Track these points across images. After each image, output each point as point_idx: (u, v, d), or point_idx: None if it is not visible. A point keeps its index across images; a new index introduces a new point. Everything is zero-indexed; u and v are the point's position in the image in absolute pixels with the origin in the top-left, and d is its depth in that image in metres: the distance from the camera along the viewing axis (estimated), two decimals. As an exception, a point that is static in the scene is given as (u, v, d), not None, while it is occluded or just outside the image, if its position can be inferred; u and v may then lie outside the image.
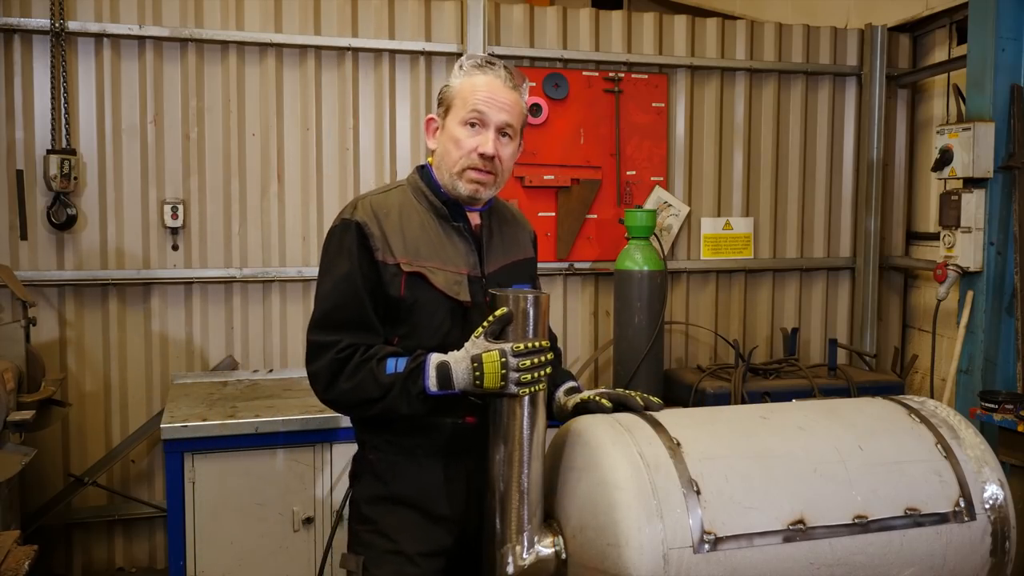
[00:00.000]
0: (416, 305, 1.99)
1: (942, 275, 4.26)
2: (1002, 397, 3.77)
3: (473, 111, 1.99)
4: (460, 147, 2.01)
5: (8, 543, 2.23)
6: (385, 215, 2.01)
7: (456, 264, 2.04)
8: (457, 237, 2.06)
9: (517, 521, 1.83)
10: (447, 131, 2.04)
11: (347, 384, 1.94)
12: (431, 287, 1.99)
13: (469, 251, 2.07)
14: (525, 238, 2.28)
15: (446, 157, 2.04)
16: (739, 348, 4.72)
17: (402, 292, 1.98)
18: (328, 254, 2.04)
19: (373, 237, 1.98)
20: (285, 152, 4.40)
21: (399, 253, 1.98)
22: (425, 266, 1.99)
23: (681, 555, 1.67)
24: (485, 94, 2.00)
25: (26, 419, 3.29)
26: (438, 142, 2.08)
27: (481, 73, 2.02)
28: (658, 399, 2.03)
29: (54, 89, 4.06)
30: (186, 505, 3.41)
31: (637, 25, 4.85)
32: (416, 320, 2.00)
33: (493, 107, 2.00)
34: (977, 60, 4.20)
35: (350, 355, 1.94)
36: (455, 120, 2.02)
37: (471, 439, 1.99)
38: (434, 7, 4.55)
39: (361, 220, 1.99)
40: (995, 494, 1.90)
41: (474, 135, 2.00)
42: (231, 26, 4.27)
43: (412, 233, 2.02)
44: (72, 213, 4.10)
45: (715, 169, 5.01)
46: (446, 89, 2.07)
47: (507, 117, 2.02)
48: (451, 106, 2.04)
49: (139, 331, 4.27)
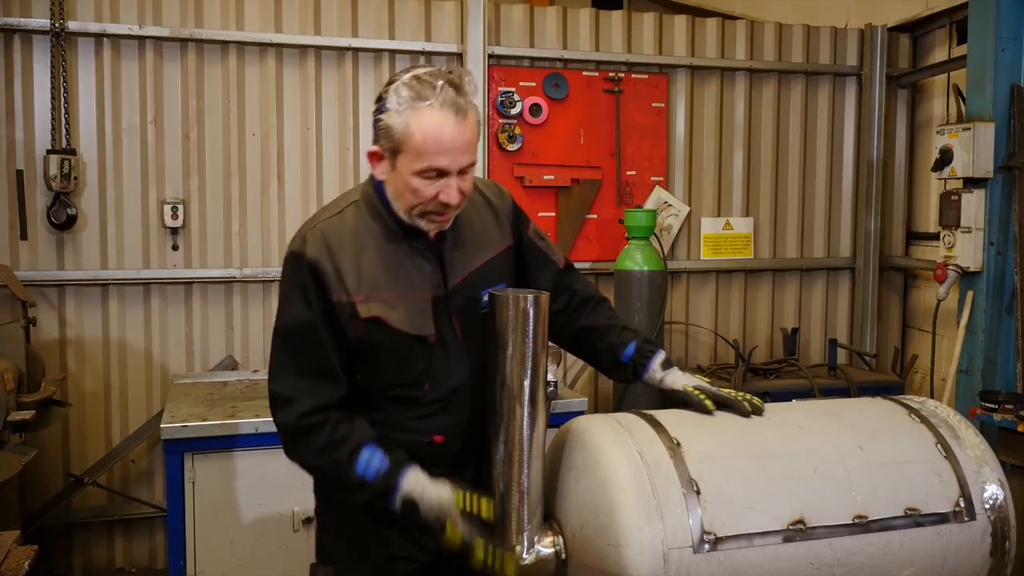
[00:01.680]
0: (375, 347, 1.87)
1: (942, 275, 4.26)
2: (1002, 397, 3.77)
3: (429, 166, 1.78)
4: (418, 196, 1.82)
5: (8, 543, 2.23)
6: (339, 246, 1.86)
7: (419, 289, 1.90)
8: (419, 257, 1.91)
9: (517, 521, 1.83)
10: (399, 175, 1.82)
11: (313, 460, 1.87)
12: (389, 328, 1.86)
13: (433, 270, 1.92)
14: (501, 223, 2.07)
15: (401, 199, 1.85)
16: (739, 348, 4.72)
17: (360, 333, 1.85)
18: (284, 288, 1.91)
19: (327, 276, 1.83)
20: (285, 152, 4.40)
21: (354, 289, 1.84)
22: (383, 299, 1.86)
23: (681, 555, 1.67)
24: (437, 147, 1.76)
25: (26, 419, 3.29)
26: (388, 178, 1.86)
27: (427, 108, 1.75)
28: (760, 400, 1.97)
29: (54, 89, 4.06)
30: (186, 505, 3.41)
31: (637, 25, 4.85)
32: (377, 361, 1.89)
33: (450, 155, 1.78)
34: (977, 60, 4.20)
35: (317, 425, 1.83)
36: (407, 168, 1.80)
37: (439, 455, 1.94)
38: (434, 7, 4.55)
39: (313, 258, 1.84)
40: (995, 494, 1.89)
41: (432, 184, 1.80)
42: (231, 26, 4.27)
43: (369, 262, 1.87)
44: (72, 213, 4.10)
45: (715, 169, 5.01)
46: (387, 128, 1.79)
47: (466, 159, 1.81)
48: (400, 150, 1.79)
49: (139, 331, 4.27)
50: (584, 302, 2.17)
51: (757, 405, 1.96)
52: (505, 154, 4.63)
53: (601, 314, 2.16)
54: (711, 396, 1.96)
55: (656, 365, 2.08)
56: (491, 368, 1.86)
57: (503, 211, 2.08)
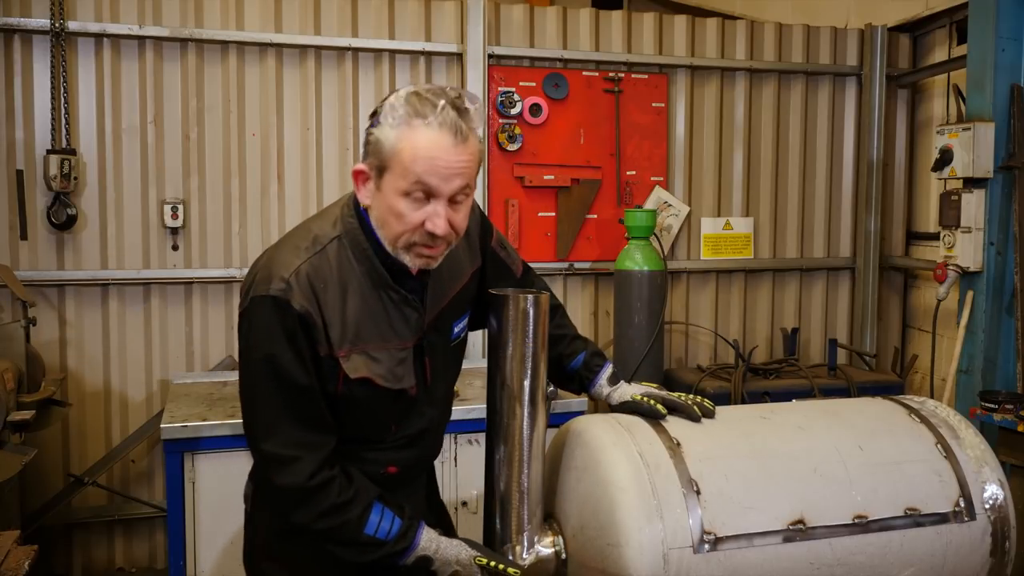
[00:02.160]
0: (355, 400, 1.75)
1: (942, 275, 4.26)
2: (1002, 397, 3.77)
3: (417, 183, 1.61)
4: (403, 222, 1.64)
5: (8, 543, 2.23)
6: (323, 290, 1.69)
7: (401, 336, 1.78)
8: (404, 305, 1.77)
9: (517, 521, 1.83)
10: (384, 197, 1.65)
11: (321, 522, 1.72)
12: (374, 385, 1.75)
13: (417, 316, 1.80)
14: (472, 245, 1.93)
15: (386, 227, 1.68)
16: (739, 348, 4.72)
17: (339, 388, 1.73)
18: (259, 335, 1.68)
19: (315, 329, 1.67)
20: (285, 152, 4.40)
21: (338, 343, 1.70)
22: (366, 351, 1.73)
23: (681, 555, 1.67)
24: (429, 164, 1.60)
25: (26, 419, 3.29)
26: (373, 202, 1.70)
27: (424, 125, 1.60)
28: (711, 403, 1.95)
29: (54, 89, 4.06)
30: (186, 505, 3.40)
31: (637, 25, 4.85)
32: (355, 416, 1.77)
33: (443, 176, 1.61)
34: (977, 60, 4.20)
35: (326, 483, 1.70)
36: (393, 188, 1.63)
37: (393, 485, 1.86)
38: (434, 7, 4.55)
39: (302, 309, 1.65)
40: (995, 494, 1.90)
41: (418, 208, 1.63)
42: (231, 26, 4.27)
43: (351, 310, 1.71)
44: (72, 213, 4.10)
45: (715, 169, 5.01)
46: (377, 143, 1.64)
47: (460, 182, 1.63)
48: (387, 167, 1.63)
49: (139, 331, 4.27)
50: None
51: (708, 408, 1.94)
52: (505, 154, 4.63)
53: (552, 321, 2.01)
54: (661, 400, 1.94)
55: (603, 380, 2.04)
56: (491, 368, 1.87)
57: (473, 230, 1.93)
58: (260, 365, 1.69)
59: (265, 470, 1.76)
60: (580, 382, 2.08)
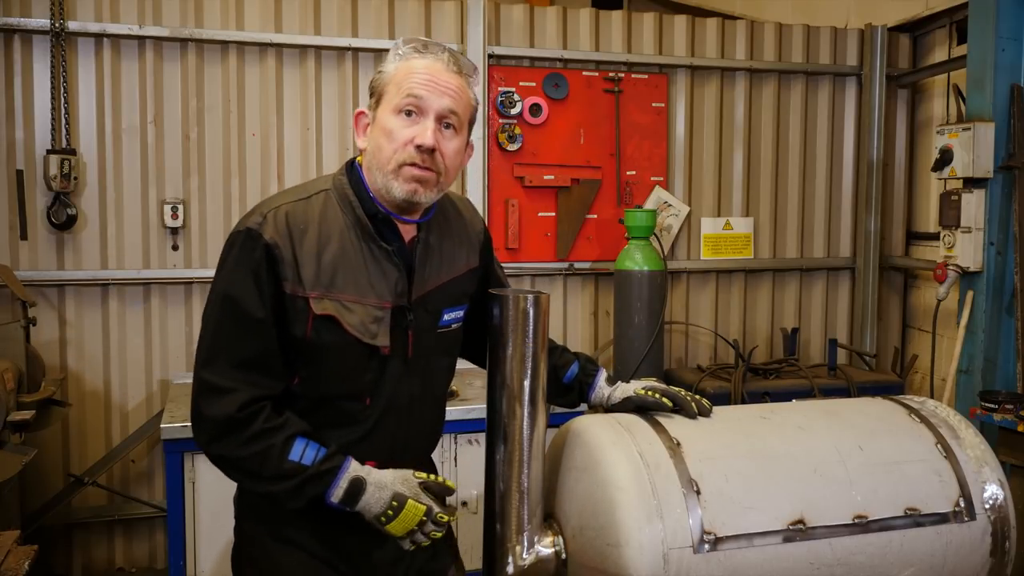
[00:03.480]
0: (323, 349, 1.71)
1: (942, 275, 4.26)
2: (1002, 397, 3.77)
3: (408, 96, 1.70)
4: (393, 139, 1.70)
5: (8, 543, 2.23)
6: (301, 233, 1.70)
7: (379, 294, 1.75)
8: (385, 261, 1.77)
9: (517, 521, 1.83)
10: (378, 123, 1.74)
11: (239, 451, 1.68)
12: (343, 330, 1.71)
13: (399, 277, 1.78)
14: (471, 242, 1.98)
15: (378, 154, 1.73)
16: (739, 348, 4.72)
17: (308, 332, 1.70)
18: (226, 267, 1.72)
19: (283, 263, 1.68)
20: (285, 152, 4.40)
21: (309, 284, 1.69)
22: (339, 299, 1.71)
23: (681, 555, 1.67)
24: (424, 77, 1.71)
25: (26, 419, 3.29)
26: (369, 139, 1.77)
27: (419, 56, 1.73)
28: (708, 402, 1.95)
29: (54, 89, 4.06)
30: (186, 505, 3.41)
31: (637, 25, 4.85)
32: (322, 365, 1.73)
33: (433, 91, 1.70)
34: (977, 60, 4.20)
35: (251, 416, 1.67)
36: (387, 109, 1.72)
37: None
38: (434, 7, 4.55)
39: (271, 240, 1.68)
40: (995, 494, 1.89)
41: (409, 125, 1.70)
42: (231, 26, 4.27)
43: (329, 256, 1.71)
44: (72, 213, 4.10)
45: (715, 169, 5.01)
46: (378, 76, 1.76)
47: (449, 103, 1.72)
48: (383, 94, 1.74)
49: (139, 331, 4.27)
50: None
51: (704, 407, 1.94)
52: (505, 154, 4.63)
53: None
54: (664, 394, 1.94)
55: (601, 382, 2.06)
56: (491, 368, 1.86)
57: (475, 230, 2.00)
58: (219, 294, 1.72)
59: (197, 398, 1.72)
60: (580, 389, 2.08)
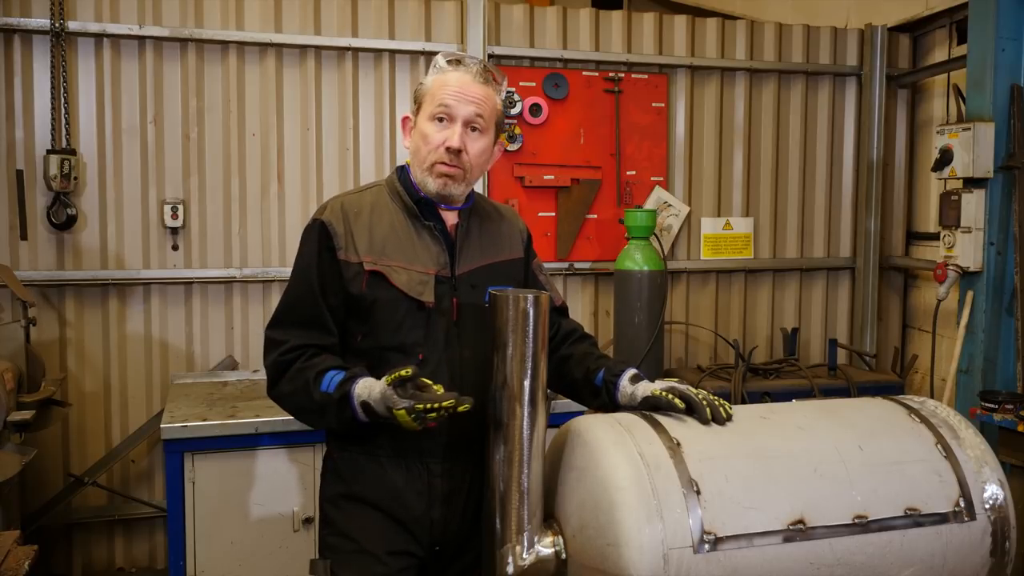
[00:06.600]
0: (376, 303, 2.01)
1: (942, 275, 4.26)
2: (1002, 397, 3.77)
3: (440, 106, 2.02)
4: (428, 142, 2.04)
5: (8, 543, 2.23)
6: (356, 214, 2.06)
7: (424, 264, 2.05)
8: (428, 237, 2.08)
9: (517, 521, 1.83)
10: (418, 128, 2.08)
11: (287, 387, 1.99)
12: (391, 286, 2.01)
13: (440, 251, 2.08)
14: (512, 237, 2.25)
15: (417, 154, 2.08)
16: (739, 348, 4.72)
17: (363, 289, 2.01)
18: (299, 250, 2.12)
19: (336, 235, 2.02)
20: (285, 152, 4.40)
21: (363, 251, 2.02)
22: (389, 265, 2.02)
23: (681, 555, 1.67)
24: (454, 89, 2.03)
25: (26, 419, 3.29)
26: (412, 140, 2.12)
27: (453, 69, 2.06)
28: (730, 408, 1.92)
29: (54, 89, 4.06)
30: (186, 505, 3.41)
31: (637, 25, 4.85)
32: (376, 318, 2.02)
33: (461, 100, 2.02)
34: (977, 60, 4.20)
35: (294, 358, 1.98)
36: (424, 116, 2.06)
37: (434, 442, 2.02)
38: (434, 7, 4.55)
39: (327, 220, 2.05)
40: (995, 494, 1.89)
41: (442, 130, 2.03)
42: (231, 26, 4.27)
43: (380, 232, 2.05)
44: (72, 213, 4.10)
45: (715, 169, 5.01)
46: (420, 87, 2.11)
47: (475, 109, 2.04)
48: (423, 103, 2.08)
49: (139, 331, 4.27)
50: (567, 335, 2.25)
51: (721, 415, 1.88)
52: (505, 154, 4.62)
53: (580, 346, 2.23)
54: (680, 396, 1.94)
55: (626, 381, 2.06)
56: (491, 368, 1.87)
57: (517, 230, 2.27)
58: (293, 271, 2.10)
59: (263, 355, 2.05)
60: (607, 388, 2.09)
